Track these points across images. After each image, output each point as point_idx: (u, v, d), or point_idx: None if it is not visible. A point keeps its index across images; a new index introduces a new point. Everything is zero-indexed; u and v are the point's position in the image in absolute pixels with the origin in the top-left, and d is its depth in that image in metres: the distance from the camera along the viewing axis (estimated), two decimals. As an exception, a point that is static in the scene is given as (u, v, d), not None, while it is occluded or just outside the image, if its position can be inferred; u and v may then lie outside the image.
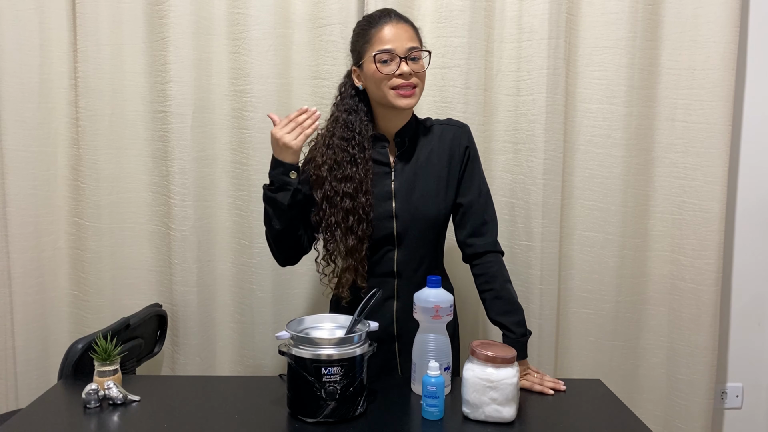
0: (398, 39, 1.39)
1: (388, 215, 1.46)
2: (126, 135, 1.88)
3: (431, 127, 1.53)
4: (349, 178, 1.43)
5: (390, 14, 1.43)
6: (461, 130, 1.53)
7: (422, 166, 1.48)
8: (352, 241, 1.43)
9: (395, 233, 1.47)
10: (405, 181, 1.47)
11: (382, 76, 1.39)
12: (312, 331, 1.31)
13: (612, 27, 1.86)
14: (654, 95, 1.91)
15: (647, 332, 1.99)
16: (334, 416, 1.20)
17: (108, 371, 1.32)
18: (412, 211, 1.46)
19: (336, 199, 1.43)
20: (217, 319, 1.94)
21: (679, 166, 1.92)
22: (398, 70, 1.38)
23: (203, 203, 1.89)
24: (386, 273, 1.48)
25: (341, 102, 1.49)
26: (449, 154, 1.50)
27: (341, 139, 1.45)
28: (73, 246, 1.91)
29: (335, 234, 1.44)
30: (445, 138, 1.51)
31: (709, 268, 1.90)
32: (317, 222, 1.47)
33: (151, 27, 1.83)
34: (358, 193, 1.43)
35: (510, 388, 1.20)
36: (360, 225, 1.43)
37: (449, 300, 1.32)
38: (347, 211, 1.43)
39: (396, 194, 1.47)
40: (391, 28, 1.40)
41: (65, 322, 1.94)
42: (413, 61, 1.40)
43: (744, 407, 2.14)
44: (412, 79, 1.39)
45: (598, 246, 1.94)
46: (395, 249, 1.48)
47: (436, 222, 1.49)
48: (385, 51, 1.38)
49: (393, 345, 1.50)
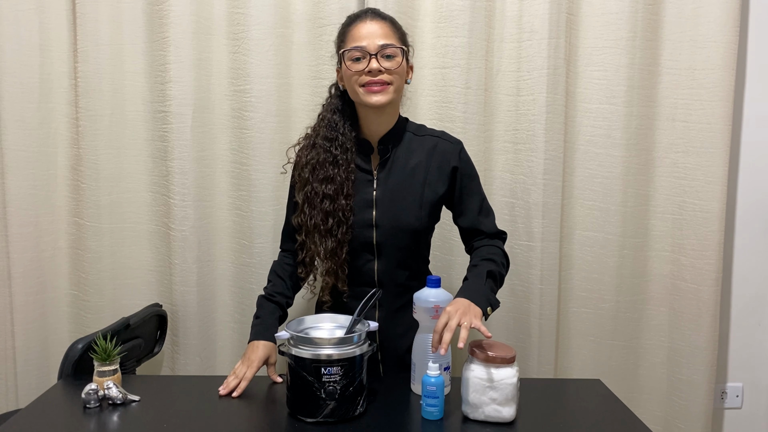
0: (370, 36, 1.37)
1: (368, 224, 1.44)
2: (126, 135, 1.88)
3: (423, 137, 1.48)
4: (330, 179, 1.42)
5: (367, 12, 1.42)
6: (453, 146, 1.48)
7: (407, 177, 1.45)
8: (331, 244, 1.42)
9: (375, 242, 1.45)
10: (387, 190, 1.44)
11: (351, 73, 1.38)
12: (312, 331, 1.31)
13: (612, 27, 1.86)
14: (654, 95, 1.91)
15: (647, 332, 1.99)
16: (333, 416, 1.20)
17: (108, 371, 1.32)
18: (392, 221, 1.43)
19: (316, 200, 1.42)
20: (217, 319, 1.94)
21: (679, 165, 1.92)
22: (367, 67, 1.36)
23: (203, 203, 1.89)
24: (367, 283, 1.46)
25: (328, 102, 1.49)
26: (438, 170, 1.45)
27: (324, 139, 1.44)
28: (73, 246, 1.91)
29: (315, 236, 1.43)
30: (436, 152, 1.46)
31: (709, 268, 1.90)
32: (299, 224, 1.46)
33: (151, 27, 1.83)
34: (339, 196, 1.41)
35: (510, 388, 1.19)
36: (340, 228, 1.41)
37: (449, 300, 1.32)
38: (327, 213, 1.42)
39: (377, 203, 1.44)
40: (364, 26, 1.38)
41: (65, 322, 1.94)
42: (386, 58, 1.37)
43: (744, 407, 2.14)
44: (382, 75, 1.36)
45: (598, 246, 1.94)
46: (375, 259, 1.46)
47: (416, 233, 1.46)
48: (355, 48, 1.37)
49: (376, 355, 1.49)
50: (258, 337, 1.42)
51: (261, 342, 1.41)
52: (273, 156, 1.86)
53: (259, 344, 1.40)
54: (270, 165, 1.87)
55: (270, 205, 1.88)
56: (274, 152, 1.86)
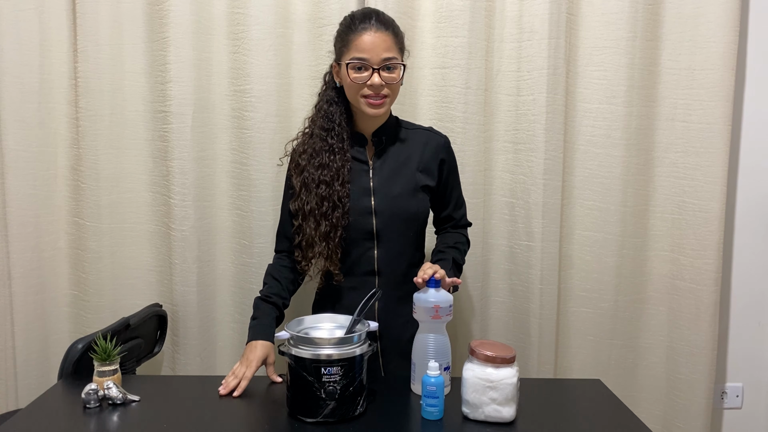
0: (374, 48, 1.40)
1: (367, 211, 1.48)
2: (126, 135, 1.88)
3: (414, 130, 1.57)
4: (326, 165, 1.47)
5: (371, 18, 1.43)
6: (443, 140, 1.57)
7: (400, 166, 1.52)
8: (325, 227, 1.46)
9: (375, 230, 1.49)
10: (384, 178, 1.50)
11: (353, 84, 1.42)
12: (311, 331, 1.31)
13: (612, 27, 1.86)
14: (654, 95, 1.91)
15: (647, 332, 1.99)
16: (333, 416, 1.20)
17: (108, 371, 1.32)
18: (391, 207, 1.49)
19: (312, 185, 1.47)
20: (217, 319, 1.94)
21: (678, 165, 1.92)
22: (369, 80, 1.41)
23: (203, 203, 1.89)
24: (367, 272, 1.50)
25: (324, 92, 1.54)
26: (427, 161, 1.53)
27: (321, 129, 1.50)
28: (73, 246, 1.91)
29: (310, 220, 1.47)
30: (427, 145, 1.54)
31: (709, 268, 1.90)
32: (296, 210, 1.50)
33: (151, 27, 1.83)
34: (334, 182, 1.46)
35: (510, 388, 1.20)
36: (334, 212, 1.46)
37: (449, 300, 1.32)
38: (322, 197, 1.46)
39: (375, 191, 1.49)
40: (368, 36, 1.41)
41: (65, 322, 1.94)
42: (387, 70, 1.42)
43: (744, 407, 2.14)
44: (383, 90, 1.42)
45: (598, 246, 1.94)
46: (375, 247, 1.50)
47: (416, 218, 1.52)
48: (358, 59, 1.41)
49: (374, 345, 1.48)
50: (256, 337, 1.42)
51: (259, 342, 1.41)
52: (273, 156, 1.86)
53: (257, 344, 1.41)
54: (270, 165, 1.87)
55: (270, 205, 1.88)
56: (274, 152, 1.86)
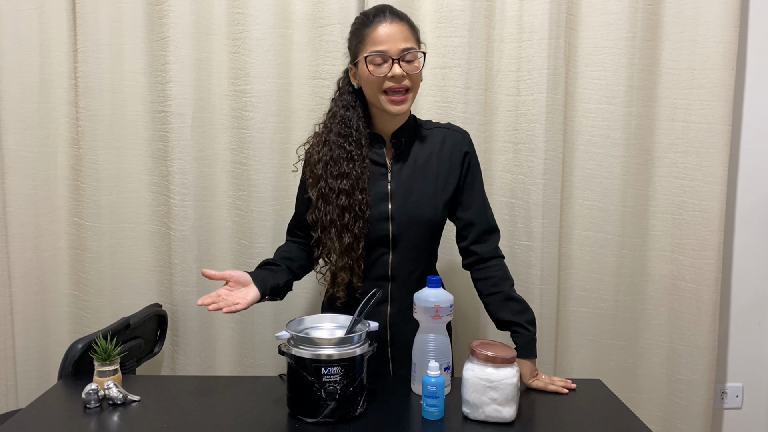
0: (391, 40, 1.36)
1: (383, 217, 1.44)
2: (126, 135, 1.88)
3: (432, 130, 1.51)
4: (345, 174, 1.41)
5: (385, 12, 1.39)
6: (462, 136, 1.50)
7: (420, 169, 1.46)
8: (348, 239, 1.41)
9: (390, 235, 1.45)
10: (402, 182, 1.45)
11: (374, 78, 1.37)
12: (312, 331, 1.31)
13: (612, 27, 1.86)
14: (654, 95, 1.91)
15: (647, 332, 1.99)
16: (334, 416, 1.20)
17: (108, 371, 1.32)
18: (408, 213, 1.44)
19: (332, 196, 1.42)
20: (217, 319, 1.94)
21: (679, 165, 1.92)
22: (390, 72, 1.36)
23: (203, 203, 1.89)
24: (380, 276, 1.46)
25: (339, 97, 1.48)
26: (449, 159, 1.47)
27: (338, 136, 1.43)
28: (73, 246, 1.91)
29: (331, 232, 1.42)
30: (446, 142, 1.48)
31: (709, 268, 1.90)
32: (313, 221, 1.45)
33: (151, 27, 1.83)
34: (354, 190, 1.41)
35: (510, 388, 1.20)
36: (356, 222, 1.41)
37: (449, 300, 1.32)
38: (343, 208, 1.41)
39: (392, 196, 1.45)
40: (384, 28, 1.36)
41: (65, 322, 1.94)
42: (407, 62, 1.37)
43: (744, 407, 2.14)
44: (404, 81, 1.37)
45: (597, 245, 1.94)
46: (390, 252, 1.46)
47: (432, 225, 1.47)
48: (377, 53, 1.36)
49: (386, 350, 1.48)
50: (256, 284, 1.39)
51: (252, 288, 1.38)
52: (273, 156, 1.86)
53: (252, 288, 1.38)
54: (270, 165, 1.87)
55: (270, 205, 1.88)
56: (274, 152, 1.87)
